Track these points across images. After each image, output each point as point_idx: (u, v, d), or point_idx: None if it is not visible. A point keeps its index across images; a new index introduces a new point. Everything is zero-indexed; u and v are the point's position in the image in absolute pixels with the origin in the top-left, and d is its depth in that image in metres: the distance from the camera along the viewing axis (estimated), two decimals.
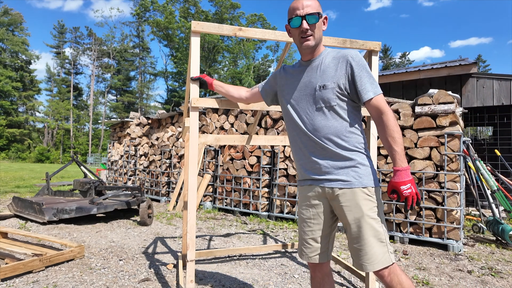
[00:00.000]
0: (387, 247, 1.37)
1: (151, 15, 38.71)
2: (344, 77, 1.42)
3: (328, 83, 1.43)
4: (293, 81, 1.58)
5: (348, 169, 1.41)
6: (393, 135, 1.33)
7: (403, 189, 1.29)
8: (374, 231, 1.36)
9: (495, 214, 4.40)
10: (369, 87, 1.39)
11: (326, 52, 1.52)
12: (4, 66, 37.23)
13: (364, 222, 1.36)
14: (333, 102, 1.42)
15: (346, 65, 1.42)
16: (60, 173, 14.07)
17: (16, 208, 4.88)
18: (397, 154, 1.32)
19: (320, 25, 1.48)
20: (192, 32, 1.88)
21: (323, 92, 1.43)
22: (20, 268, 2.54)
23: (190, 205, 1.86)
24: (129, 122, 8.35)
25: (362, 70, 1.40)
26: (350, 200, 1.39)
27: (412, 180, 1.30)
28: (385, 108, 1.37)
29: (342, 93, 1.42)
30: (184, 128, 2.87)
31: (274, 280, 2.64)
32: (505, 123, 7.31)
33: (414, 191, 1.29)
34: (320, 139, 1.44)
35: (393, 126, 1.34)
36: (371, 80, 1.41)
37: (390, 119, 1.35)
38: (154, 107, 44.38)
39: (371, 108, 1.41)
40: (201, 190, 5.91)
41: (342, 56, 1.44)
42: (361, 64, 1.41)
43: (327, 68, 1.45)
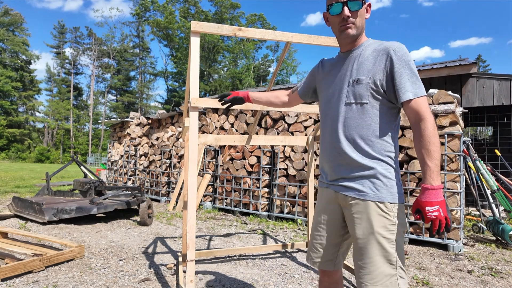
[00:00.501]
0: (397, 271, 1.20)
1: (151, 15, 38.75)
2: (382, 72, 1.25)
3: (363, 77, 1.27)
4: (329, 75, 1.45)
5: (366, 179, 1.26)
6: (428, 147, 1.14)
7: (428, 210, 1.12)
8: (382, 250, 1.20)
9: (495, 214, 4.40)
10: (409, 87, 1.20)
11: (367, 43, 1.34)
12: (4, 66, 37.24)
13: (373, 240, 1.21)
14: (365, 99, 1.27)
15: (386, 59, 1.24)
16: (60, 173, 14.07)
17: (16, 208, 4.88)
18: (429, 170, 1.13)
19: (363, 12, 1.33)
20: (191, 32, 1.88)
21: (356, 87, 1.28)
22: (20, 268, 2.54)
23: (190, 205, 1.87)
24: (129, 122, 8.35)
25: (403, 66, 1.21)
26: (361, 213, 1.25)
27: (442, 202, 1.12)
28: (425, 113, 1.17)
29: (377, 90, 1.25)
30: (184, 128, 2.87)
31: (274, 280, 2.64)
32: (505, 123, 7.31)
33: (443, 215, 1.11)
34: (342, 139, 1.31)
35: (431, 137, 1.14)
36: (414, 78, 1.21)
37: (428, 127, 1.16)
38: (154, 107, 44.39)
39: (409, 111, 1.21)
40: (201, 190, 5.91)
41: (384, 49, 1.26)
42: (404, 59, 1.22)
43: (365, 61, 1.29)
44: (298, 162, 4.88)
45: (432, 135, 1.15)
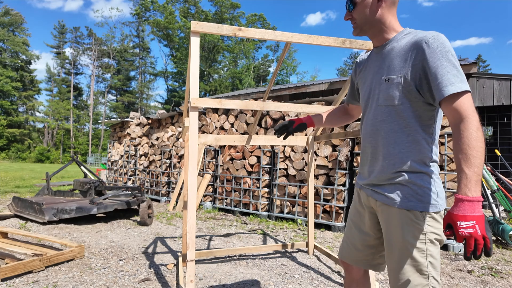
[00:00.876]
0: (429, 281, 1.12)
1: (151, 15, 38.76)
2: (415, 69, 1.11)
3: (394, 76, 1.16)
4: (364, 73, 1.37)
5: (396, 186, 1.18)
6: (467, 151, 0.97)
7: (461, 226, 0.94)
8: (412, 260, 1.13)
9: (495, 214, 4.40)
10: (447, 81, 1.03)
11: (400, 35, 1.21)
12: (4, 66, 37.24)
13: (404, 249, 1.15)
14: (398, 100, 1.15)
15: (418, 53, 1.10)
16: (60, 173, 14.07)
17: (16, 208, 4.88)
18: (465, 179, 0.97)
19: (364, 7, 1.23)
20: (191, 32, 1.88)
21: (387, 87, 1.18)
22: (20, 268, 2.55)
23: (190, 205, 1.87)
24: (129, 122, 8.35)
25: (440, 58, 1.05)
26: (389, 219, 1.20)
27: (479, 218, 0.94)
28: (466, 112, 1.00)
29: (411, 90, 1.13)
30: (184, 128, 2.87)
31: (274, 280, 2.64)
32: (505, 123, 7.32)
33: (480, 233, 0.93)
34: (374, 143, 1.25)
35: (471, 140, 0.97)
36: (454, 72, 1.03)
37: (469, 128, 0.99)
38: (154, 107, 44.39)
39: (448, 110, 1.05)
40: (201, 190, 5.92)
41: (416, 41, 1.11)
42: (439, 50, 1.05)
43: (396, 57, 1.17)
44: (298, 162, 4.89)
45: (474, 138, 0.97)
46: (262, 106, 2.10)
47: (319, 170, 4.68)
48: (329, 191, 4.55)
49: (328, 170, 4.63)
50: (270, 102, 2.25)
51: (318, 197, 4.67)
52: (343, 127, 4.53)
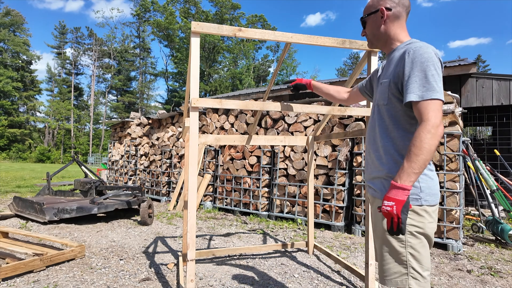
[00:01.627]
0: (408, 270, 1.22)
1: (151, 16, 38.77)
2: (398, 74, 1.28)
3: (385, 80, 1.35)
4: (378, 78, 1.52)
5: (380, 179, 1.33)
6: (411, 147, 1.14)
7: (384, 203, 1.16)
8: (392, 250, 1.26)
9: (495, 213, 4.41)
10: (415, 88, 1.18)
11: (402, 45, 1.37)
12: (5, 66, 37.27)
13: (384, 239, 1.28)
14: (385, 101, 1.33)
15: (401, 61, 1.27)
16: (61, 173, 14.09)
17: (17, 208, 4.90)
18: (401, 169, 1.15)
19: (372, 22, 1.45)
20: (192, 33, 1.89)
21: (381, 89, 1.37)
22: (21, 268, 2.56)
23: (190, 204, 1.88)
24: (129, 122, 8.37)
25: (414, 67, 1.20)
26: (374, 210, 1.36)
27: (399, 201, 1.13)
28: (425, 116, 1.15)
29: (394, 92, 1.30)
30: (184, 128, 2.89)
31: (274, 280, 2.65)
32: (505, 123, 7.32)
33: (395, 212, 1.12)
34: (369, 139, 1.43)
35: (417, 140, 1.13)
36: (423, 81, 1.17)
37: (420, 130, 1.14)
38: (154, 107, 44.40)
39: (415, 114, 1.21)
40: (201, 190, 5.93)
41: (403, 51, 1.28)
42: (416, 60, 1.20)
43: (391, 64, 1.36)
44: (298, 162, 4.90)
45: (420, 138, 1.12)
46: (262, 106, 2.11)
47: (319, 170, 4.69)
48: (329, 191, 4.56)
49: (328, 170, 4.63)
50: (270, 102, 2.26)
51: (318, 197, 4.68)
52: (343, 127, 4.54)
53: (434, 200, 1.26)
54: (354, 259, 3.26)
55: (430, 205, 1.25)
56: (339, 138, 2.95)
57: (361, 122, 4.37)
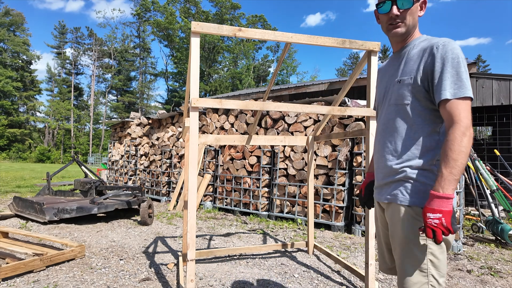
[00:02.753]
0: (428, 279, 1.15)
1: (151, 16, 38.78)
2: (424, 72, 1.18)
3: (405, 77, 1.23)
4: (381, 78, 1.43)
5: (399, 182, 1.23)
6: (447, 152, 1.06)
7: (429, 216, 1.05)
8: (413, 257, 1.17)
9: (495, 213, 4.41)
10: (447, 86, 1.11)
11: (418, 41, 1.28)
12: (4, 66, 37.26)
13: (404, 245, 1.19)
14: (406, 100, 1.23)
15: (428, 57, 1.17)
16: (61, 173, 14.09)
17: (17, 208, 4.89)
18: (440, 177, 1.06)
19: (415, 10, 1.27)
20: (192, 33, 1.89)
21: (399, 88, 1.25)
22: (21, 268, 2.56)
23: (190, 204, 1.88)
24: (129, 122, 8.37)
25: (445, 64, 1.12)
26: (392, 216, 1.25)
27: (446, 212, 1.03)
28: (457, 117, 1.08)
29: (419, 90, 1.20)
30: (184, 128, 2.89)
31: (274, 280, 2.65)
32: (505, 123, 7.32)
33: (445, 225, 1.03)
34: (383, 142, 1.31)
35: (454, 143, 1.06)
36: (455, 78, 1.11)
37: (455, 132, 1.07)
38: (154, 107, 44.39)
39: (443, 113, 1.13)
40: (201, 190, 5.93)
41: (428, 46, 1.19)
42: (446, 56, 1.13)
43: (410, 60, 1.25)
44: (298, 162, 4.90)
45: (457, 142, 1.05)
46: (262, 106, 2.11)
47: (318, 170, 4.69)
48: (329, 191, 4.56)
49: (328, 170, 4.64)
50: (270, 102, 2.26)
51: (318, 197, 4.68)
52: (343, 127, 4.54)
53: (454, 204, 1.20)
54: (354, 259, 3.26)
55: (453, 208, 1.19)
56: (339, 138, 2.95)
57: (361, 122, 4.36)
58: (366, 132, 2.28)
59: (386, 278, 2.75)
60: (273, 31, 2.02)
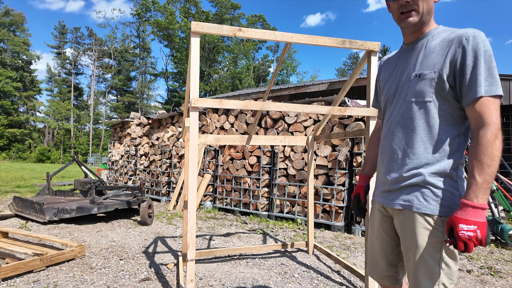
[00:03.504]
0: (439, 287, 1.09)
1: (151, 15, 38.78)
2: (451, 66, 1.06)
3: (427, 71, 1.11)
4: (389, 71, 1.31)
5: (415, 188, 1.13)
6: (481, 158, 0.97)
7: (462, 228, 0.95)
8: (426, 268, 1.10)
9: (495, 213, 4.40)
10: (480, 82, 1.00)
11: (436, 31, 1.16)
12: (4, 66, 37.26)
13: (417, 255, 1.11)
14: (428, 97, 1.11)
15: (456, 50, 1.05)
16: (61, 173, 14.09)
17: (17, 208, 4.89)
18: (475, 185, 0.97)
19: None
20: (192, 33, 1.89)
21: (418, 83, 1.13)
22: (21, 268, 2.56)
23: (190, 204, 1.88)
24: (129, 122, 8.37)
25: (478, 58, 1.01)
26: (406, 224, 1.15)
27: (482, 224, 0.94)
28: (489, 119, 0.98)
29: (444, 87, 1.08)
30: (184, 128, 2.88)
31: (274, 280, 2.65)
32: (505, 123, 7.32)
33: (479, 238, 0.94)
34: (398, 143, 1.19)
35: (487, 147, 0.96)
36: (487, 73, 1.00)
37: (487, 135, 0.97)
38: (154, 107, 44.40)
39: (470, 113, 1.03)
40: (201, 190, 5.93)
41: (455, 37, 1.06)
42: (479, 48, 1.01)
43: (430, 53, 1.12)
44: (298, 162, 4.90)
45: (490, 145, 0.96)
46: (262, 106, 2.10)
47: (318, 170, 4.69)
48: (329, 191, 4.56)
49: (328, 170, 4.64)
50: (270, 102, 2.26)
51: (317, 197, 4.68)
52: (343, 127, 4.54)
53: None
54: (354, 259, 3.26)
55: None
56: (339, 138, 2.95)
57: (361, 122, 4.36)
58: (366, 132, 2.28)
59: None
60: (273, 31, 2.02)
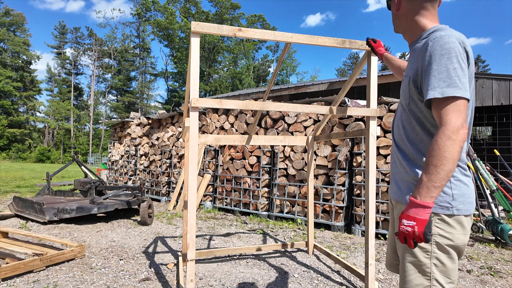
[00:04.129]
0: (431, 283, 1.10)
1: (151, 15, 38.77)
2: (418, 70, 1.12)
3: (406, 76, 1.20)
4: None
5: (407, 182, 1.20)
6: (428, 158, 1.00)
7: (403, 222, 1.02)
8: (415, 260, 1.13)
9: (494, 213, 4.41)
10: (433, 84, 1.02)
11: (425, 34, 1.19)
12: (4, 66, 37.25)
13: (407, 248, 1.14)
14: (406, 100, 1.20)
15: (421, 54, 1.11)
16: (61, 173, 14.08)
17: (17, 208, 4.89)
18: (420, 183, 1.01)
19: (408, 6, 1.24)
20: (192, 33, 1.89)
21: (402, 87, 1.24)
22: (21, 268, 2.56)
23: (190, 204, 1.88)
24: (129, 122, 8.37)
25: (432, 60, 1.04)
26: (397, 215, 1.23)
27: (421, 222, 0.98)
28: (444, 119, 1.00)
29: (414, 90, 1.15)
30: (184, 128, 2.89)
31: (274, 280, 2.65)
32: (504, 123, 7.33)
33: (417, 234, 0.99)
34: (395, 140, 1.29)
35: (434, 148, 0.99)
36: (442, 75, 1.02)
37: (438, 136, 0.99)
38: (154, 107, 44.39)
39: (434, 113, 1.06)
40: (201, 190, 5.93)
41: (425, 41, 1.12)
42: (435, 52, 1.04)
43: (411, 57, 1.21)
44: (298, 162, 4.90)
45: (438, 146, 0.98)
46: (262, 106, 2.11)
47: (318, 170, 4.69)
48: (329, 191, 4.56)
49: (328, 170, 4.64)
50: (270, 102, 2.26)
51: (317, 197, 4.68)
52: (343, 127, 4.54)
53: (468, 210, 1.12)
54: (354, 259, 3.26)
55: (463, 215, 1.11)
56: (339, 138, 2.95)
57: (361, 122, 4.37)
58: (366, 132, 2.28)
59: (386, 278, 2.75)
60: (273, 31, 2.02)
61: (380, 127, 4.23)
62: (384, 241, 3.98)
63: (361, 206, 4.30)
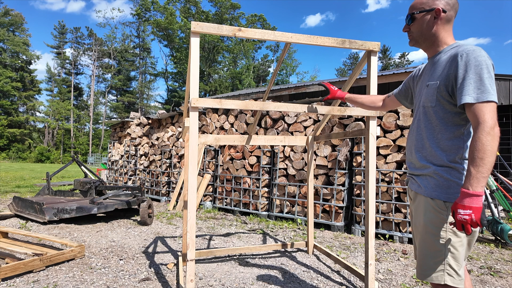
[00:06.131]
0: (445, 267, 1.27)
1: (151, 15, 38.78)
2: (449, 77, 1.29)
3: (432, 82, 1.36)
4: (419, 80, 1.56)
5: (425, 177, 1.38)
6: (473, 152, 1.14)
7: (459, 212, 1.14)
8: (430, 245, 1.31)
9: (494, 213, 4.40)
10: (470, 90, 1.20)
11: (448, 48, 1.38)
12: (4, 66, 37.24)
13: (424, 233, 1.34)
14: (432, 103, 1.35)
15: (452, 64, 1.28)
16: (61, 173, 14.08)
17: (17, 208, 4.89)
18: (469, 175, 1.14)
19: (419, 23, 1.42)
20: (192, 33, 1.89)
21: (427, 91, 1.38)
22: (21, 268, 2.56)
23: (190, 204, 1.88)
24: (129, 122, 8.36)
25: (468, 70, 1.21)
26: (417, 206, 1.41)
27: (477, 209, 1.11)
28: (481, 118, 1.16)
29: (444, 94, 1.31)
30: (184, 128, 2.88)
31: (273, 280, 2.65)
32: (504, 123, 7.33)
33: (474, 221, 1.11)
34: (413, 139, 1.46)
35: (478, 143, 1.14)
36: (478, 83, 1.19)
37: (478, 132, 1.15)
38: (154, 107, 44.38)
39: (469, 116, 1.22)
40: (201, 190, 5.93)
41: (454, 54, 1.28)
42: (470, 63, 1.22)
43: (438, 66, 1.37)
44: (297, 162, 4.90)
45: (483, 142, 1.13)
46: (262, 106, 2.10)
47: (318, 170, 4.69)
48: (329, 191, 4.56)
49: (328, 170, 4.64)
50: (270, 102, 2.26)
51: (317, 197, 4.68)
52: (343, 127, 4.54)
53: None
54: (354, 259, 3.26)
55: None
56: (339, 138, 2.95)
57: (360, 122, 4.37)
58: (366, 132, 2.28)
59: (386, 278, 2.75)
60: (272, 31, 2.02)
61: (380, 127, 4.23)
62: (384, 241, 3.98)
63: (361, 206, 4.30)
